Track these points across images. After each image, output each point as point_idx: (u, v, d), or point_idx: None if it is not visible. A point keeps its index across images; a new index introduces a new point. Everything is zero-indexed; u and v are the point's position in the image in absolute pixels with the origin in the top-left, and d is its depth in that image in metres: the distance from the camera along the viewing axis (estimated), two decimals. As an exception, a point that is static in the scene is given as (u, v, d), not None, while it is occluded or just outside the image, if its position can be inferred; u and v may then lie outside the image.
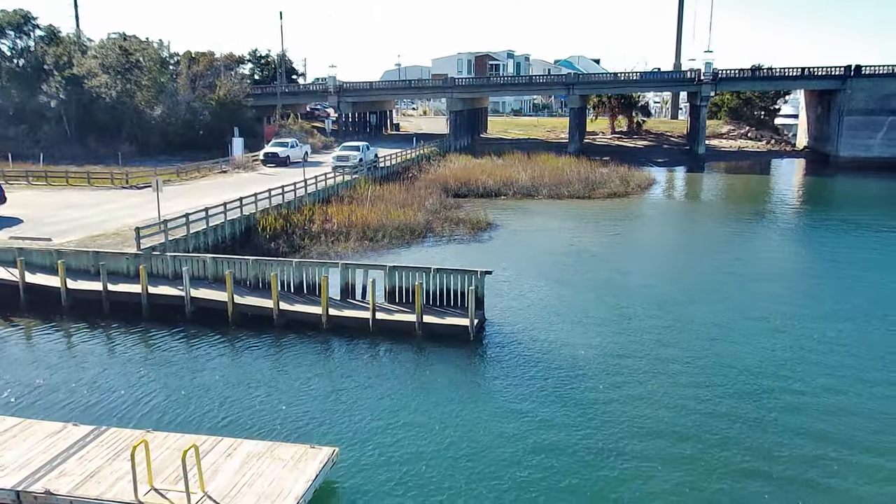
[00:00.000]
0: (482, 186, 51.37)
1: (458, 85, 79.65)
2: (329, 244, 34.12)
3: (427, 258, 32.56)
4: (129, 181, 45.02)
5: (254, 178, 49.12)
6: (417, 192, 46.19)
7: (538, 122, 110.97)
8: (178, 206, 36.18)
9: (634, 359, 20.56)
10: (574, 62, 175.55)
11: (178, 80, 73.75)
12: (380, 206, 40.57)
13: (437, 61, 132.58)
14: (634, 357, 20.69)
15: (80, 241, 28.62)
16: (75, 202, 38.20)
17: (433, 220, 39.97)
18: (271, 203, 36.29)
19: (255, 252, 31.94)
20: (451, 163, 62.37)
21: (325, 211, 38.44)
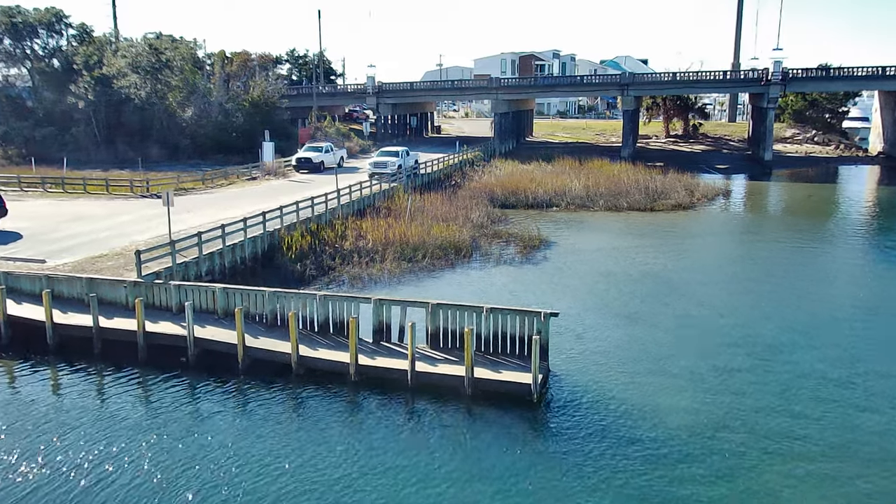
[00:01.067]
0: (532, 196, 46.85)
1: (503, 85, 75.10)
2: (363, 265, 29.98)
3: (474, 285, 28.24)
4: (149, 189, 41.59)
5: (284, 187, 45.35)
6: (461, 203, 41.88)
7: (586, 124, 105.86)
8: (197, 220, 32.51)
9: (740, 434, 15.94)
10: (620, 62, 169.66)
11: (211, 80, 70.67)
12: (420, 219, 36.36)
13: (480, 61, 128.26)
14: (739, 431, 16.07)
15: (77, 263, 24.93)
16: (86, 214, 34.75)
17: (479, 236, 35.61)
18: (299, 217, 32.33)
19: (277, 275, 28.06)
20: (496, 169, 58.01)
21: (359, 226, 34.34)
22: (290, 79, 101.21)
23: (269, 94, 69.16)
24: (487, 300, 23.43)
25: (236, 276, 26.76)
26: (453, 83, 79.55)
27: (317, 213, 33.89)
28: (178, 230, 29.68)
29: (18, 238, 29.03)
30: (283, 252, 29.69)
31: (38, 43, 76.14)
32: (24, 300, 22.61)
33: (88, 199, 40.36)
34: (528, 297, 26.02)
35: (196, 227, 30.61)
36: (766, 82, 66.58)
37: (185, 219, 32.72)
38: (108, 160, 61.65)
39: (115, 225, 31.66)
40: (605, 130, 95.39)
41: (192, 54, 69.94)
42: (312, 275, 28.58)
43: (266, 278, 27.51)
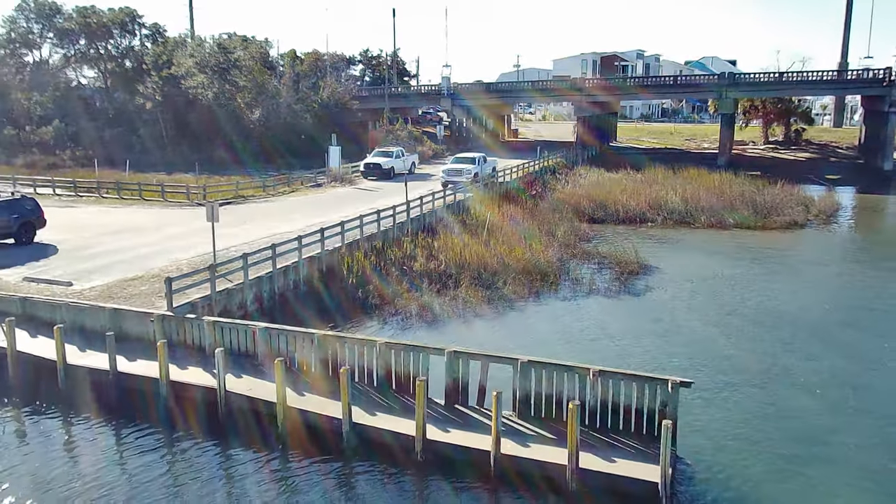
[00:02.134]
0: (623, 210, 41.79)
1: (588, 86, 69.92)
2: (434, 292, 25.79)
3: (564, 321, 23.70)
4: (206, 196, 38.55)
5: (349, 195, 41.73)
6: (544, 217, 37.33)
7: (674, 129, 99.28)
8: (251, 233, 29.06)
9: None
10: (707, 64, 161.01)
11: (280, 81, 68.17)
12: (499, 236, 32.00)
13: (559, 62, 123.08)
14: None
15: (107, 287, 21.59)
16: (133, 224, 31.77)
17: (567, 257, 30.96)
18: (362, 233, 28.41)
19: (335, 303, 24.16)
20: (580, 177, 53.09)
21: (431, 243, 30.20)
22: (362, 80, 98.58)
23: (339, 94, 66.10)
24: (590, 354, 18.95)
25: (287, 306, 23.00)
26: (533, 84, 74.78)
27: (383, 229, 29.94)
28: (228, 246, 26.26)
29: (53, 252, 26.06)
30: (342, 275, 25.78)
31: (111, 43, 75.51)
32: (41, 331, 19.35)
33: (142, 206, 37.62)
34: (631, 343, 21.32)
35: (248, 242, 27.16)
36: (888, 83, 59.39)
37: (237, 233, 29.30)
38: (174, 162, 59.67)
39: (161, 239, 28.43)
40: (696, 135, 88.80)
41: (263, 54, 67.55)
42: (375, 303, 24.56)
43: (321, 307, 23.67)
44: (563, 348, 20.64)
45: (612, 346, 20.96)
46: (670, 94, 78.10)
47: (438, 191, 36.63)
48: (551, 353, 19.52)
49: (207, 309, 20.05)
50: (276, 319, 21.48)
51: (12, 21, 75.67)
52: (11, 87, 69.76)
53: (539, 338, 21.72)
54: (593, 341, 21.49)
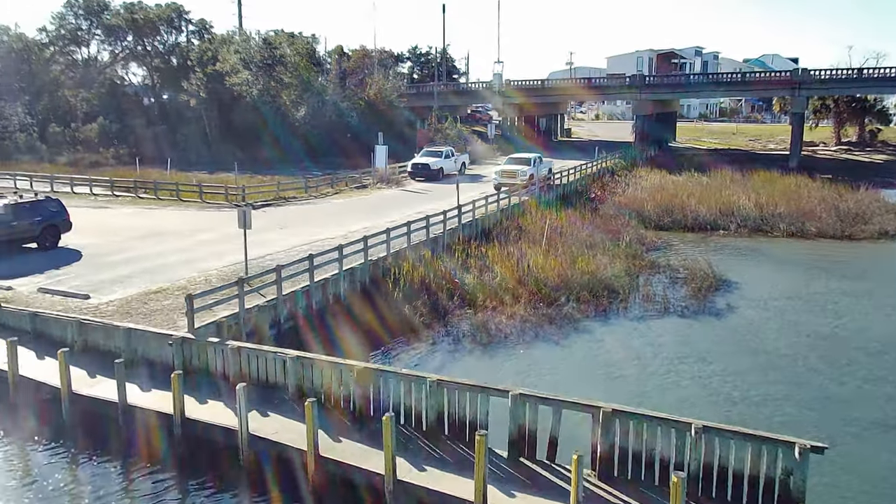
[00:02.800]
0: (691, 216, 38.40)
1: (648, 83, 66.23)
2: (489, 308, 23.07)
3: (638, 346, 20.75)
4: (244, 198, 36.46)
5: (396, 198, 39.26)
6: (606, 224, 34.28)
7: (737, 129, 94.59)
8: (290, 240, 26.79)
9: None
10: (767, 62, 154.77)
11: (327, 77, 66.21)
12: (559, 245, 29.11)
13: (613, 60, 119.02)
14: None
15: (127, 300, 19.39)
16: (166, 228, 29.73)
17: (634, 269, 27.89)
18: (410, 241, 25.82)
19: (379, 320, 21.61)
20: (641, 180, 49.75)
21: (485, 252, 27.47)
22: (411, 78, 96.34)
23: (386, 92, 63.79)
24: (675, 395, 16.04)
25: (325, 323, 20.51)
26: (590, 81, 71.33)
27: (432, 236, 27.30)
28: (264, 255, 23.97)
29: (76, 259, 24.07)
30: (387, 289, 23.20)
31: (158, 40, 74.63)
32: (50, 352, 17.20)
33: (178, 207, 35.73)
34: (723, 381, 18.27)
35: (285, 250, 24.84)
36: (981, 80, 54.57)
37: (274, 239, 27.02)
38: (218, 161, 58.08)
39: (193, 245, 26.26)
40: (760, 136, 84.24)
41: (309, 50, 65.64)
42: (425, 321, 21.94)
43: (363, 325, 21.14)
44: (641, 385, 17.72)
45: (699, 386, 17.94)
46: (738, 92, 73.28)
47: (492, 194, 33.82)
48: (627, 391, 16.66)
49: (235, 328, 17.69)
50: (310, 341, 19.08)
51: (61, 17, 75.37)
52: (59, 84, 69.27)
53: (611, 370, 18.84)
54: (676, 377, 18.47)
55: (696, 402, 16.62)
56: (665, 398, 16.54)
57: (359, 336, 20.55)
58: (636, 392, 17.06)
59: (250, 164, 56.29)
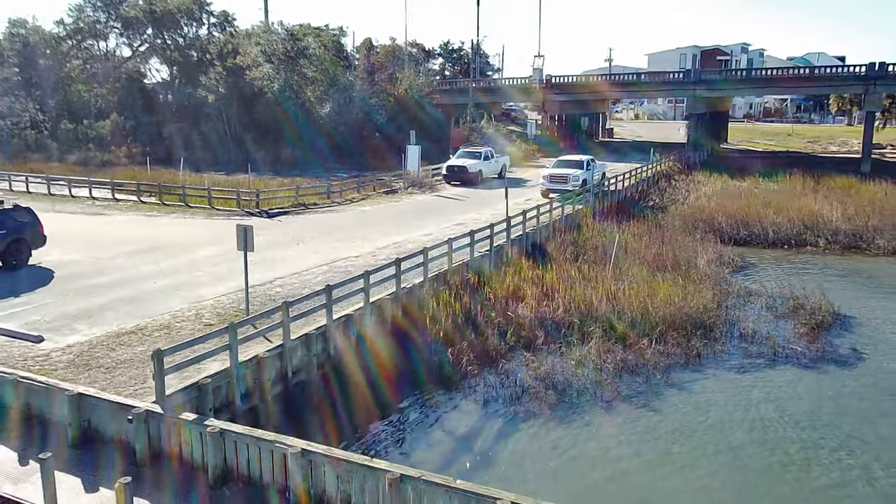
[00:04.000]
0: (771, 229, 33.22)
1: (703, 79, 60.73)
2: (550, 350, 18.33)
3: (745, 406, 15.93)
4: (258, 205, 32.10)
5: (431, 205, 34.62)
6: (677, 239, 29.27)
7: (792, 129, 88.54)
8: (307, 259, 22.26)
9: None
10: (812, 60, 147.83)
11: (354, 72, 61.83)
12: (627, 265, 24.26)
13: (655, 57, 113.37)
14: None
15: (92, 344, 14.94)
16: (162, 241, 25.32)
17: (719, 295, 22.90)
18: (451, 261, 21.13)
19: (411, 372, 16.99)
20: (702, 185, 44.58)
21: (541, 275, 22.68)
22: (442, 74, 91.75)
23: (418, 87, 59.19)
24: None
25: (344, 375, 15.90)
26: (639, 76, 66.01)
27: (478, 254, 22.58)
28: (273, 279, 19.52)
29: (45, 282, 19.67)
30: (424, 324, 18.53)
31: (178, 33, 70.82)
32: (-22, 418, 12.81)
33: (183, 215, 31.39)
34: (884, 476, 13.29)
35: (300, 272, 20.34)
36: None
37: (288, 257, 22.53)
38: (237, 161, 53.97)
39: (190, 264, 21.79)
40: (819, 137, 78.26)
41: (335, 43, 61.28)
42: (470, 370, 17.23)
43: (392, 377, 16.53)
44: (776, 482, 12.82)
45: (865, 481, 12.98)
46: (804, 88, 66.82)
47: (544, 203, 29.01)
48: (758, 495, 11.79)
49: (225, 390, 13.17)
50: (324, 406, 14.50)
51: (79, 10, 71.95)
52: (74, 78, 65.73)
53: (723, 455, 13.96)
54: (823, 470, 13.53)
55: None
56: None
57: (388, 390, 15.99)
58: (775, 495, 12.22)
59: (271, 165, 52.18)
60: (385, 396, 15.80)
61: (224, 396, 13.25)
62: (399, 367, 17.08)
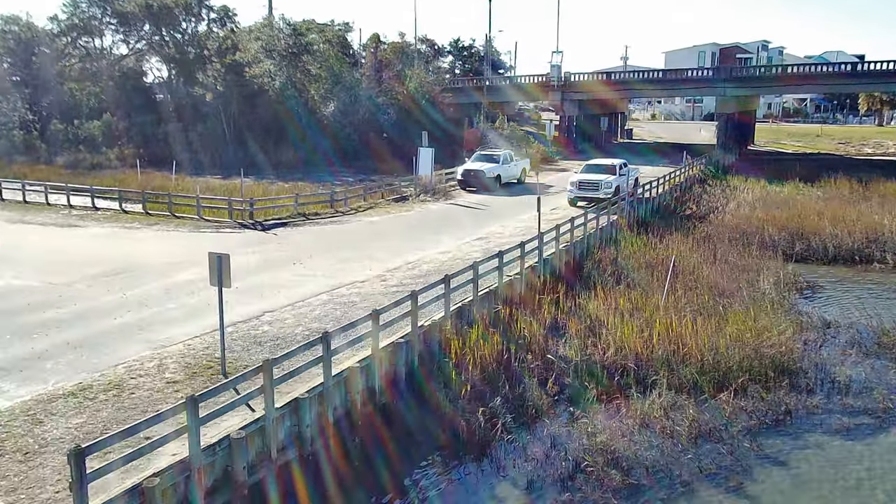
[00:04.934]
0: (831, 243, 29.41)
1: (735, 76, 56.87)
2: (606, 408, 14.68)
3: (861, 486, 12.18)
4: (252, 215, 28.54)
5: (447, 215, 30.99)
6: (731, 256, 25.55)
7: (821, 130, 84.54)
8: (304, 286, 18.68)
9: None
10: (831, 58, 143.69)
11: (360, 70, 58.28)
12: (682, 291, 20.58)
13: (672, 55, 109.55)
14: None
15: (13, 414, 11.36)
16: (139, 259, 21.75)
17: (800, 330, 19.16)
18: (477, 290, 17.48)
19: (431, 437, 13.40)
20: (739, 191, 40.82)
21: (582, 306, 19.02)
22: (452, 73, 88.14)
23: (428, 86, 55.56)
24: None
25: (346, 452, 12.30)
26: (665, 73, 62.16)
27: (507, 279, 18.94)
28: (261, 312, 16.01)
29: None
30: (448, 374, 14.90)
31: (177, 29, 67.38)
32: None
33: (168, 226, 27.82)
34: None
35: (294, 304, 16.76)
36: None
37: (282, 283, 18.96)
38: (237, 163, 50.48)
39: (161, 293, 18.20)
40: (850, 138, 74.32)
41: (340, 38, 57.72)
42: (506, 436, 13.60)
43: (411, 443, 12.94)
44: None
45: None
46: (845, 86, 62.57)
47: (578, 214, 25.30)
48: None
49: (184, 488, 9.58)
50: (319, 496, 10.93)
51: (74, 5, 68.64)
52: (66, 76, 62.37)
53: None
54: None
55: None
56: None
57: (403, 463, 12.41)
58: None
59: (273, 167, 48.77)
60: (401, 468, 12.22)
61: (182, 497, 9.67)
62: (416, 431, 13.48)
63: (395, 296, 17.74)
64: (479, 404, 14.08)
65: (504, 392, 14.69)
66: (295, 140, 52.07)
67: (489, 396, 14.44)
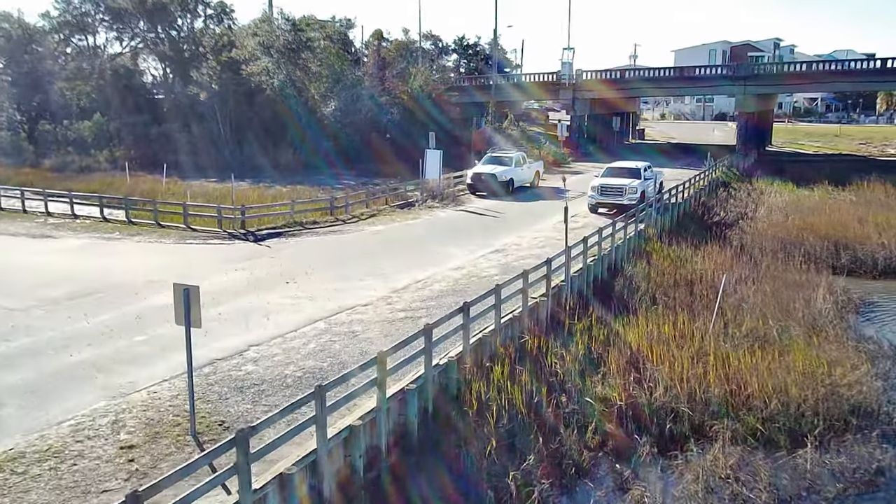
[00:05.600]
0: (881, 254, 26.76)
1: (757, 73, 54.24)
2: (647, 458, 12.13)
3: None
4: (244, 224, 25.99)
5: (456, 224, 28.38)
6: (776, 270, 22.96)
7: (840, 130, 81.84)
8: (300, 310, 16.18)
9: None
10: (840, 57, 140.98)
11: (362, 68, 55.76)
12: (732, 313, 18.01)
13: (681, 53, 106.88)
14: None
15: (-84, 494, 8.83)
16: (110, 279, 19.17)
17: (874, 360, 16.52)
18: (500, 317, 14.90)
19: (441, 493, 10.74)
20: (766, 196, 38.22)
21: (620, 334, 16.43)
22: (457, 71, 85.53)
23: (433, 84, 52.99)
24: None
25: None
26: (682, 71, 59.42)
27: (531, 300, 16.35)
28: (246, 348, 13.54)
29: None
30: (469, 422, 12.33)
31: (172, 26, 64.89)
32: None
33: (150, 237, 25.24)
34: None
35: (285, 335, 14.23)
36: None
37: (273, 306, 16.43)
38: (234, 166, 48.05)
39: (130, 320, 15.60)
40: (871, 138, 71.62)
41: (341, 35, 55.19)
42: (543, 495, 11.03)
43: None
44: None
45: None
46: (868, 84, 59.30)
47: (605, 225, 22.66)
48: None
49: None
50: None
51: (67, 1, 66.22)
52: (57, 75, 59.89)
53: None
54: None
55: None
56: None
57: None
58: None
59: (271, 170, 46.34)
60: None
61: None
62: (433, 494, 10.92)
63: (403, 323, 15.26)
64: (509, 464, 11.54)
65: (537, 447, 12.13)
66: (294, 141, 49.61)
67: (519, 454, 11.89)
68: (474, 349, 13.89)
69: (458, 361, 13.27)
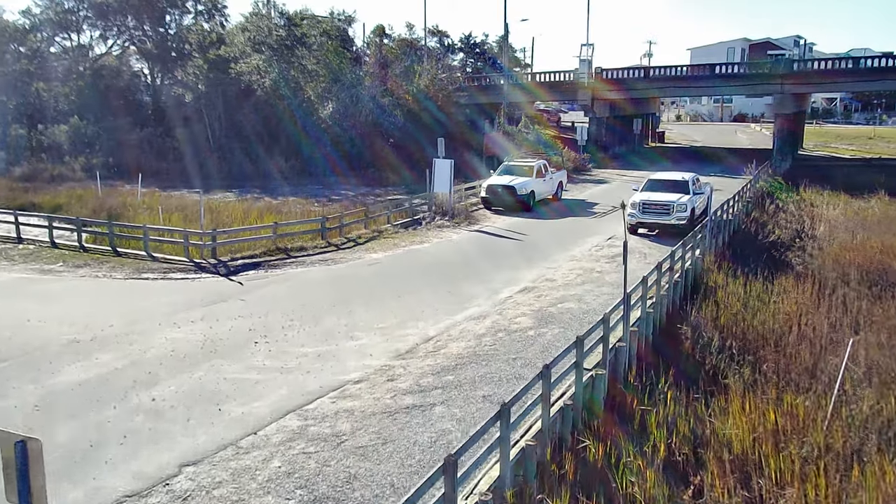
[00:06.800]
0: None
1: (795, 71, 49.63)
2: None
3: None
4: (215, 252, 21.49)
5: (473, 250, 23.81)
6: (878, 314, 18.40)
7: (874, 132, 77.11)
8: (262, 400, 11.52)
9: None
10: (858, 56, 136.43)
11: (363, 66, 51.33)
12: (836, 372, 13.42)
13: (698, 52, 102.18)
14: None
15: None
16: (20, 338, 14.68)
17: None
18: (549, 409, 10.38)
19: None
20: (818, 208, 33.70)
21: (718, 431, 11.88)
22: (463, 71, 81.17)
23: (440, 83, 48.53)
24: None
25: None
26: (714, 68, 54.70)
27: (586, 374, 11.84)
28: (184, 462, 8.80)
29: None
30: None
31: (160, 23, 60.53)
32: None
33: (100, 270, 20.73)
34: None
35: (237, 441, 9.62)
36: None
37: (231, 387, 11.94)
38: (222, 174, 43.76)
39: (30, 409, 11.14)
40: (909, 141, 66.91)
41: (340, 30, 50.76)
42: None
43: None
44: None
45: None
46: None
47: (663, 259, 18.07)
48: None
49: None
50: None
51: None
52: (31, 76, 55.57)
53: None
54: None
55: None
56: None
57: None
58: None
59: (261, 179, 42.13)
60: None
61: None
62: None
63: (411, 417, 10.78)
64: None
65: None
66: (289, 146, 45.26)
67: None
68: (513, 468, 9.39)
69: (493, 496, 8.76)
